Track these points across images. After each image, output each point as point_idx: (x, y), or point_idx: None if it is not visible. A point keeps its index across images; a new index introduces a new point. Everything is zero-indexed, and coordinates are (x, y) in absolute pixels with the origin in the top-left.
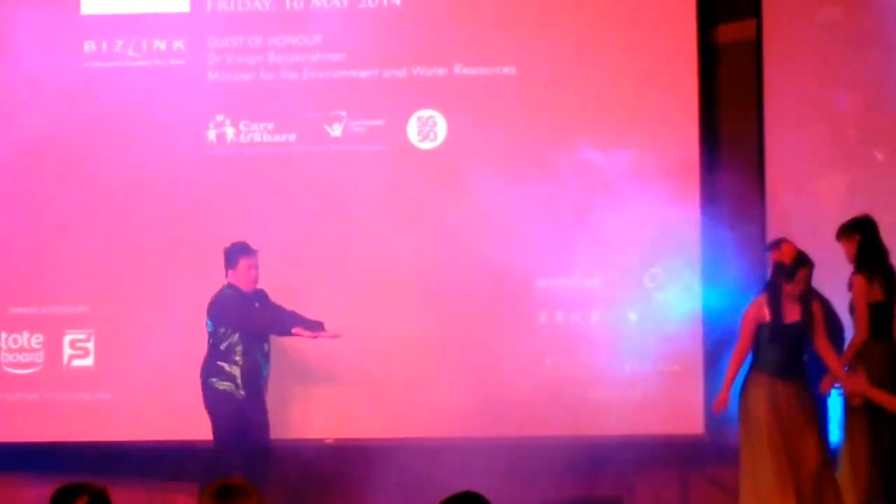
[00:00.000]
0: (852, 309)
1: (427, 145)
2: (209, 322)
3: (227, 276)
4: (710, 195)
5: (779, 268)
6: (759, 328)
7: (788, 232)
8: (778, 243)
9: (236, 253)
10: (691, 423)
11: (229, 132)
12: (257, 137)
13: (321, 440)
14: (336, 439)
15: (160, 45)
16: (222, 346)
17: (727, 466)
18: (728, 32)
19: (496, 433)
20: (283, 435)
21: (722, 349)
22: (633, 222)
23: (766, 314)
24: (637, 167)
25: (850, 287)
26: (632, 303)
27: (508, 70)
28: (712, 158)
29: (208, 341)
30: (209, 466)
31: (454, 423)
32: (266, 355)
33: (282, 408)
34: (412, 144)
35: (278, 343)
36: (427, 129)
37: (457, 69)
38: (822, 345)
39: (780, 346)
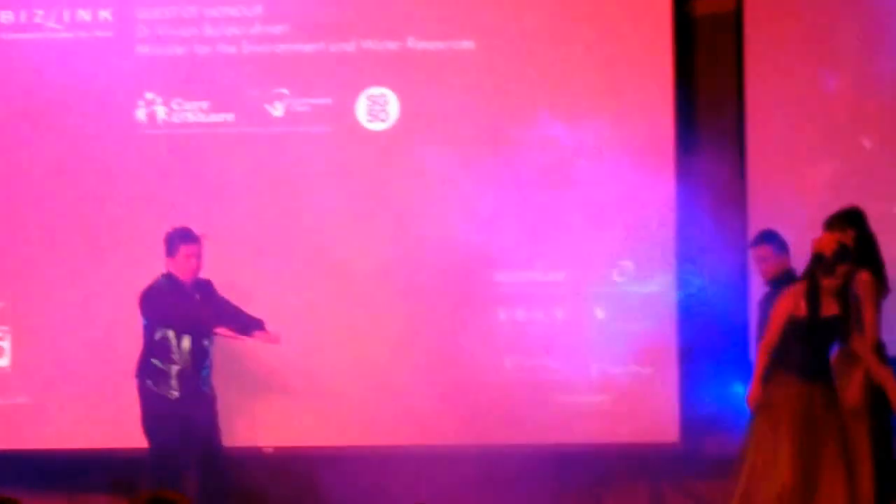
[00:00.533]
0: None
1: (377, 126)
2: (142, 317)
3: (166, 264)
4: (687, 180)
5: (817, 259)
6: (789, 323)
7: (772, 221)
8: (761, 237)
9: (177, 239)
10: (665, 430)
11: (160, 111)
12: (191, 117)
13: (258, 449)
14: (276, 447)
15: (85, 15)
16: (157, 344)
17: (703, 478)
18: (706, 3)
19: (452, 441)
20: (229, 443)
21: (698, 350)
22: (602, 209)
23: (802, 308)
24: (607, 150)
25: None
26: (599, 298)
27: (467, 44)
28: (689, 141)
29: (143, 337)
30: (151, 477)
31: (406, 429)
32: (206, 351)
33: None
34: (361, 125)
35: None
36: (377, 108)
37: (410, 43)
38: (860, 344)
39: (810, 343)
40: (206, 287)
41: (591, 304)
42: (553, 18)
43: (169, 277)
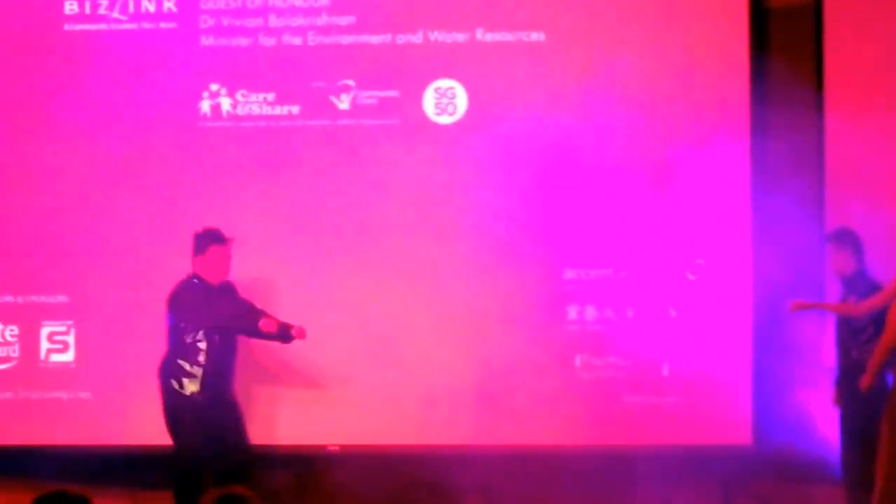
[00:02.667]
0: None
1: (445, 119)
2: (168, 316)
3: (193, 263)
4: (763, 178)
5: None
6: None
7: (849, 221)
8: (837, 236)
9: (207, 240)
10: (737, 432)
11: (225, 103)
12: (256, 109)
13: (323, 447)
14: (341, 446)
15: (149, 6)
16: (184, 345)
17: (776, 481)
18: None
19: (518, 442)
20: (273, 441)
21: (773, 350)
22: (676, 207)
23: None
24: (681, 146)
25: None
26: (672, 297)
27: (537, 36)
28: (765, 138)
29: (168, 336)
30: (171, 476)
31: (472, 430)
32: (232, 355)
33: (276, 411)
34: (428, 118)
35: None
36: (445, 101)
37: (479, 35)
38: None
39: None
40: (230, 288)
41: (663, 302)
42: (626, 10)
43: (198, 278)
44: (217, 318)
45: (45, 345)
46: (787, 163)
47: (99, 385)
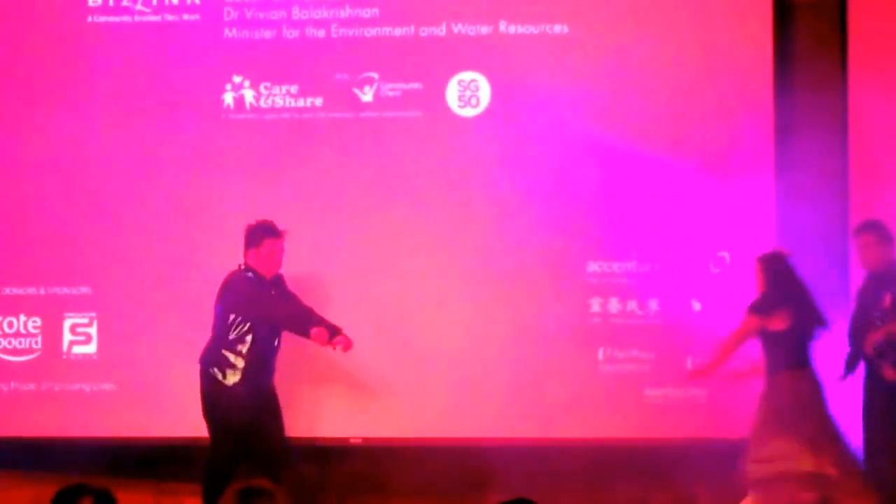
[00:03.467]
0: None
1: (468, 112)
2: (219, 306)
3: (245, 256)
4: (787, 171)
5: None
6: None
7: (874, 212)
8: (865, 226)
9: (261, 233)
10: None
11: (248, 95)
12: (279, 101)
13: (346, 439)
14: (364, 439)
15: None
16: (231, 335)
17: None
18: None
19: (541, 435)
20: (296, 433)
21: None
22: (699, 201)
23: None
24: (704, 138)
25: None
26: (696, 290)
27: (560, 28)
28: (789, 131)
29: (214, 325)
30: (208, 469)
31: (495, 423)
32: (276, 349)
33: (301, 404)
34: (451, 111)
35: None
36: (468, 93)
37: (502, 27)
38: None
39: None
40: (280, 282)
41: (687, 295)
42: (648, 2)
43: (252, 271)
44: (269, 314)
45: (67, 336)
46: (811, 156)
47: (121, 377)
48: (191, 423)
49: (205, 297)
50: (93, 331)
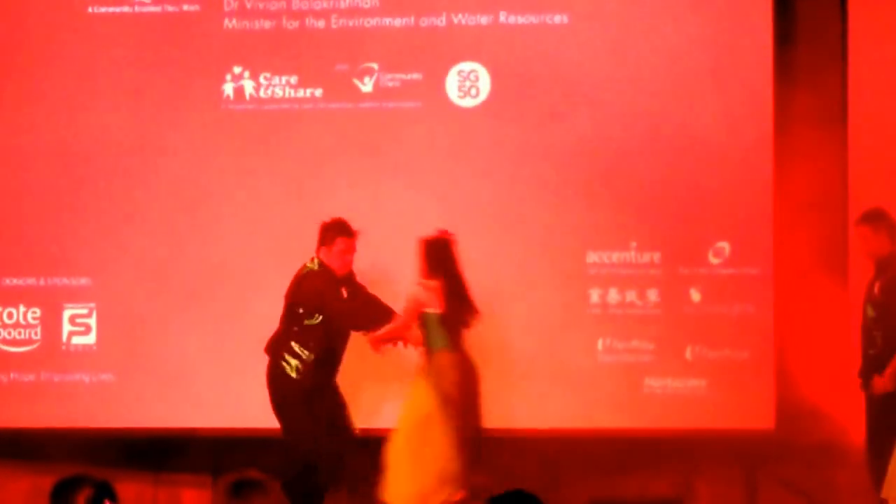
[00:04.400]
0: None
1: (468, 102)
2: (289, 298)
3: (318, 252)
4: (786, 159)
5: None
6: None
7: (874, 200)
8: (866, 217)
9: (335, 231)
10: (760, 416)
11: (248, 86)
12: (279, 92)
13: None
14: (361, 430)
15: None
16: (298, 328)
17: (800, 466)
18: None
19: (540, 425)
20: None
21: (796, 334)
22: (698, 190)
23: None
24: (703, 127)
25: None
26: (695, 280)
27: (560, 18)
28: (789, 118)
29: (284, 316)
30: (285, 458)
31: (494, 413)
32: (344, 345)
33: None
34: (451, 101)
35: None
36: (468, 84)
37: (502, 17)
38: None
39: None
40: (352, 281)
41: (686, 285)
42: None
43: (323, 267)
44: (341, 312)
45: (67, 327)
46: (810, 144)
47: (121, 368)
48: (190, 414)
49: (205, 287)
50: (92, 321)
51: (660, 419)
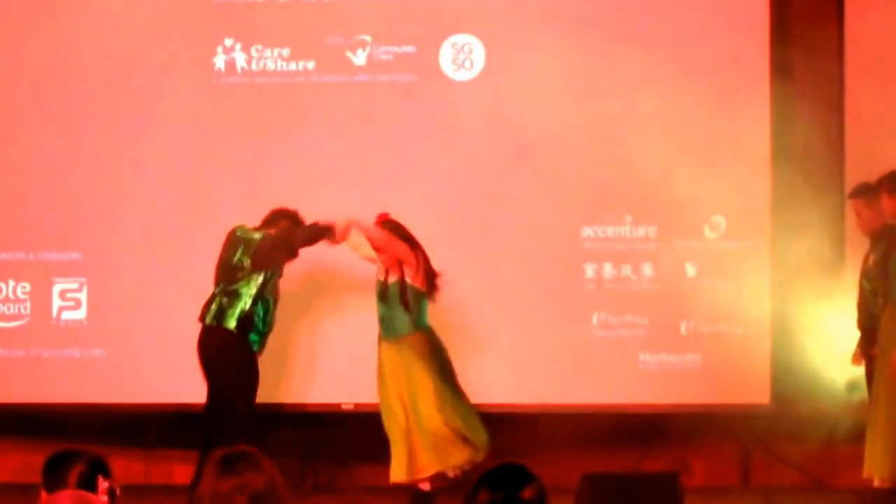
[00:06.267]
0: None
1: (462, 75)
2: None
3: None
4: (782, 131)
5: None
6: None
7: (870, 173)
8: (860, 190)
9: (284, 219)
10: (756, 391)
11: (240, 59)
12: (271, 65)
13: (337, 405)
14: (355, 405)
15: None
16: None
17: (794, 442)
18: None
19: (535, 400)
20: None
21: (792, 308)
22: (694, 163)
23: None
24: (700, 99)
25: None
26: (690, 255)
27: None
28: (785, 91)
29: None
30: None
31: (488, 388)
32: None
33: (293, 371)
34: (445, 74)
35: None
36: (462, 56)
37: None
38: None
39: None
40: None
41: (681, 260)
42: None
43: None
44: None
45: (57, 302)
46: (807, 117)
47: (112, 343)
48: (181, 389)
49: (195, 261)
50: (82, 296)
51: (654, 394)
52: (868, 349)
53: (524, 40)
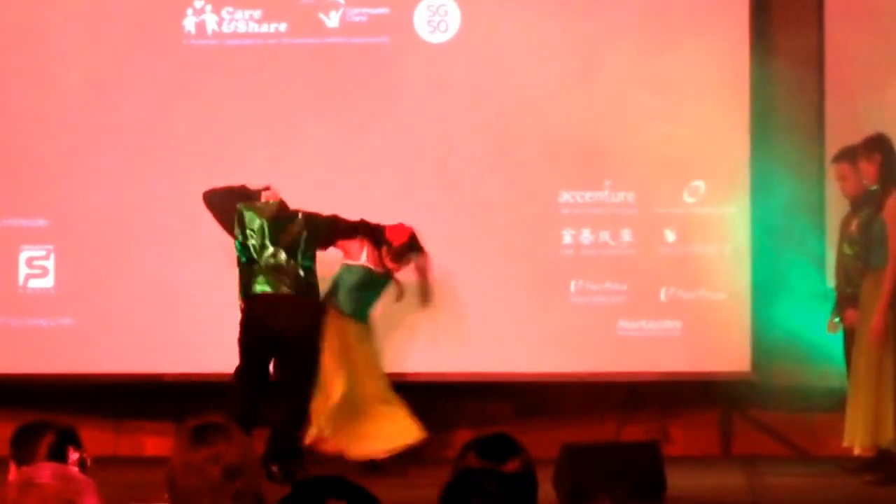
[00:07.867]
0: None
1: (437, 37)
2: None
3: None
4: (762, 97)
5: None
6: None
7: (850, 139)
8: (841, 155)
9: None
10: (736, 359)
11: (210, 21)
12: (242, 27)
13: None
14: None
15: None
16: None
17: (775, 409)
18: None
19: (512, 369)
20: None
21: (773, 275)
22: (673, 127)
23: None
24: (680, 63)
25: (883, 208)
26: (669, 220)
27: None
28: (765, 59)
29: None
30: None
31: (466, 357)
32: None
33: None
34: (420, 37)
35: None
36: (437, 18)
37: None
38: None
39: None
40: None
41: (660, 225)
42: None
43: None
44: None
45: (23, 270)
46: (786, 83)
47: (80, 311)
48: (150, 358)
49: (164, 228)
50: (50, 264)
51: (634, 362)
52: (845, 314)
53: (500, 2)
